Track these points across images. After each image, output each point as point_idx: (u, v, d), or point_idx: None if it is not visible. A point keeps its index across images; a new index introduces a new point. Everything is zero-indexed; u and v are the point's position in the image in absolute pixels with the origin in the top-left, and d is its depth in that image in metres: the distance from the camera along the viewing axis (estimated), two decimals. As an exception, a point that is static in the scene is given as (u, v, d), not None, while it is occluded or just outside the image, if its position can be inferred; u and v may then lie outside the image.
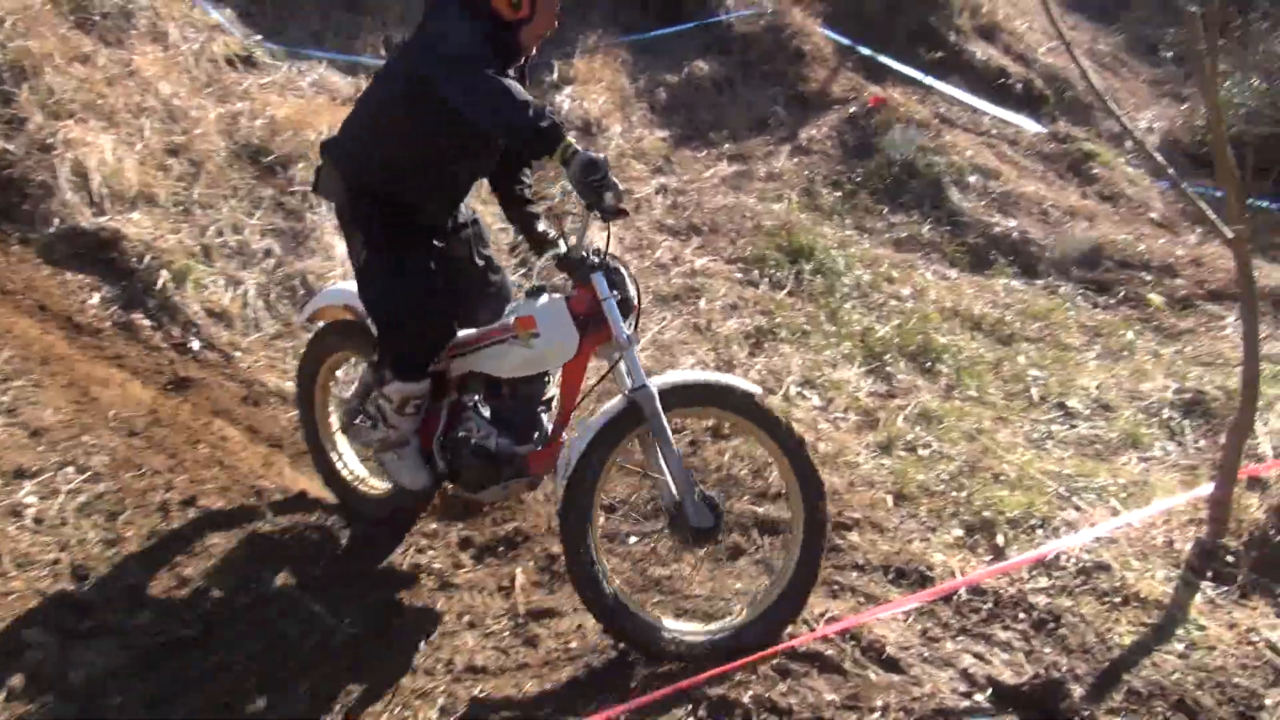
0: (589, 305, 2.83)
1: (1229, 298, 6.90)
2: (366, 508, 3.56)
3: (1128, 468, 4.14)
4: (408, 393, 3.05)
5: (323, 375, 3.70)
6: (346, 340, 3.58)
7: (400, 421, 3.10)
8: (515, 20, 2.85)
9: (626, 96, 8.61)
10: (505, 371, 3.02)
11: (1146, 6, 13.36)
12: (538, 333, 2.89)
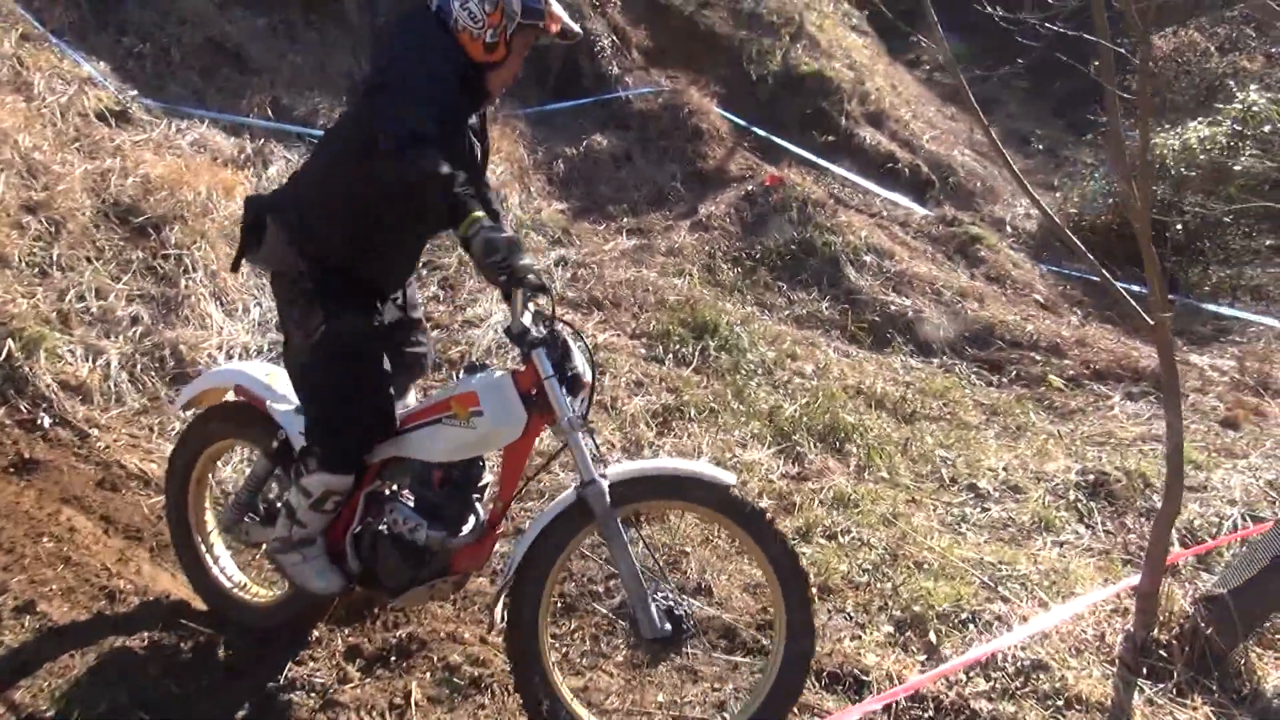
0: (533, 383, 2.58)
1: (1113, 377, 7.11)
2: (247, 617, 3.14)
3: (1044, 553, 4.07)
4: (332, 486, 2.72)
5: (200, 467, 3.29)
6: (236, 428, 3.19)
7: (311, 519, 2.76)
8: (486, 63, 2.65)
9: (525, 168, 8.46)
10: (438, 456, 2.68)
11: (1017, 102, 14.15)
12: (480, 411, 2.59)
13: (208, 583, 3.23)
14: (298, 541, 2.78)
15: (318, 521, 2.78)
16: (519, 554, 2.51)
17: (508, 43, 2.63)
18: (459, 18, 2.61)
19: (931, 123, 11.21)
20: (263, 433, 2.99)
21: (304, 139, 7.81)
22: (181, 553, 3.32)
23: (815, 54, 10.71)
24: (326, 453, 2.70)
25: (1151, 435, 6.00)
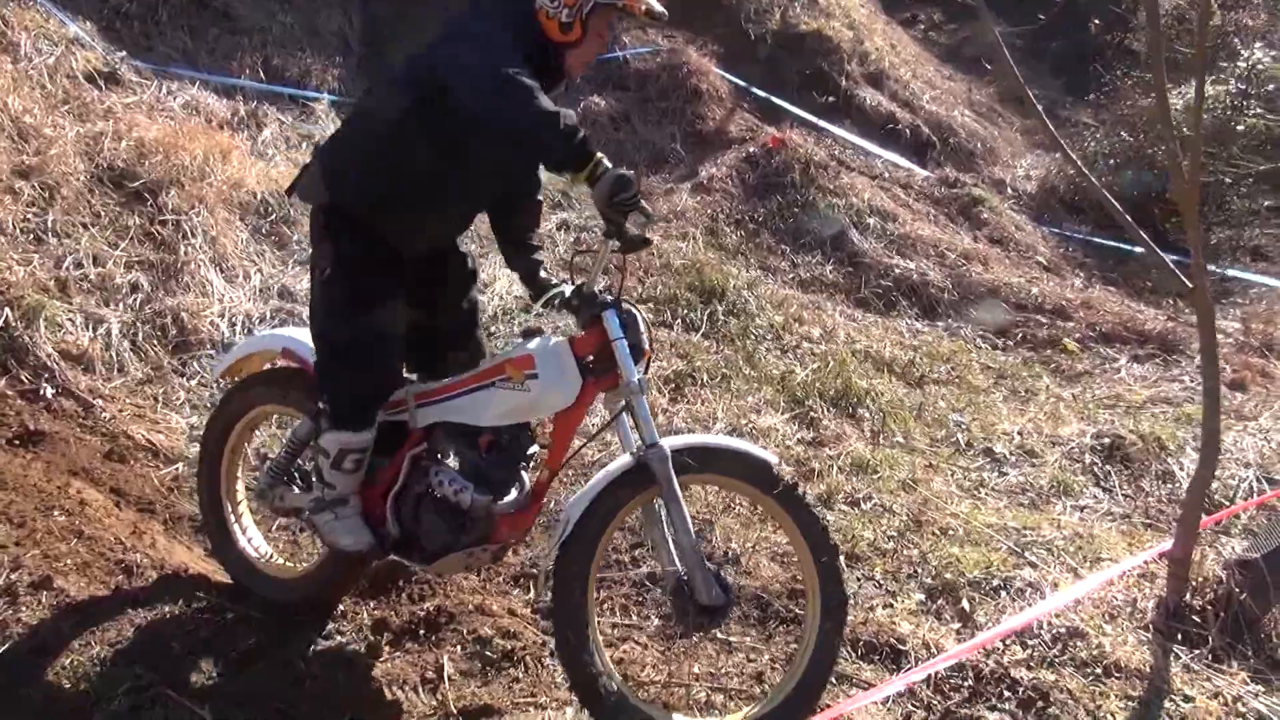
0: (595, 347, 2.55)
1: (1119, 340, 7.09)
2: (273, 591, 3.06)
3: (1065, 518, 4.05)
4: (346, 444, 2.65)
5: (236, 435, 3.19)
6: (280, 392, 3.09)
7: (336, 478, 2.69)
8: (563, 43, 2.55)
9: (521, 129, 8.31)
10: (490, 419, 2.63)
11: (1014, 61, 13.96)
12: (536, 373, 2.56)
13: (234, 555, 3.14)
14: (330, 501, 2.73)
15: (343, 481, 2.70)
16: (575, 512, 2.45)
17: (583, 22, 2.53)
18: None
19: (931, 83, 11.08)
20: (306, 398, 2.91)
21: (297, 101, 7.65)
22: (209, 524, 3.24)
23: (814, 12, 10.54)
24: (335, 408, 2.65)
25: (1161, 398, 5.99)
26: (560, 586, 2.43)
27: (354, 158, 2.62)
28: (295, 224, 5.96)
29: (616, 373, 2.53)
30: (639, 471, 2.48)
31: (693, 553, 2.45)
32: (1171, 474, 4.68)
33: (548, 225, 6.93)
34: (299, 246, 5.85)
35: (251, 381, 3.17)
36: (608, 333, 2.52)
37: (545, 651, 2.80)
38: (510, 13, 2.51)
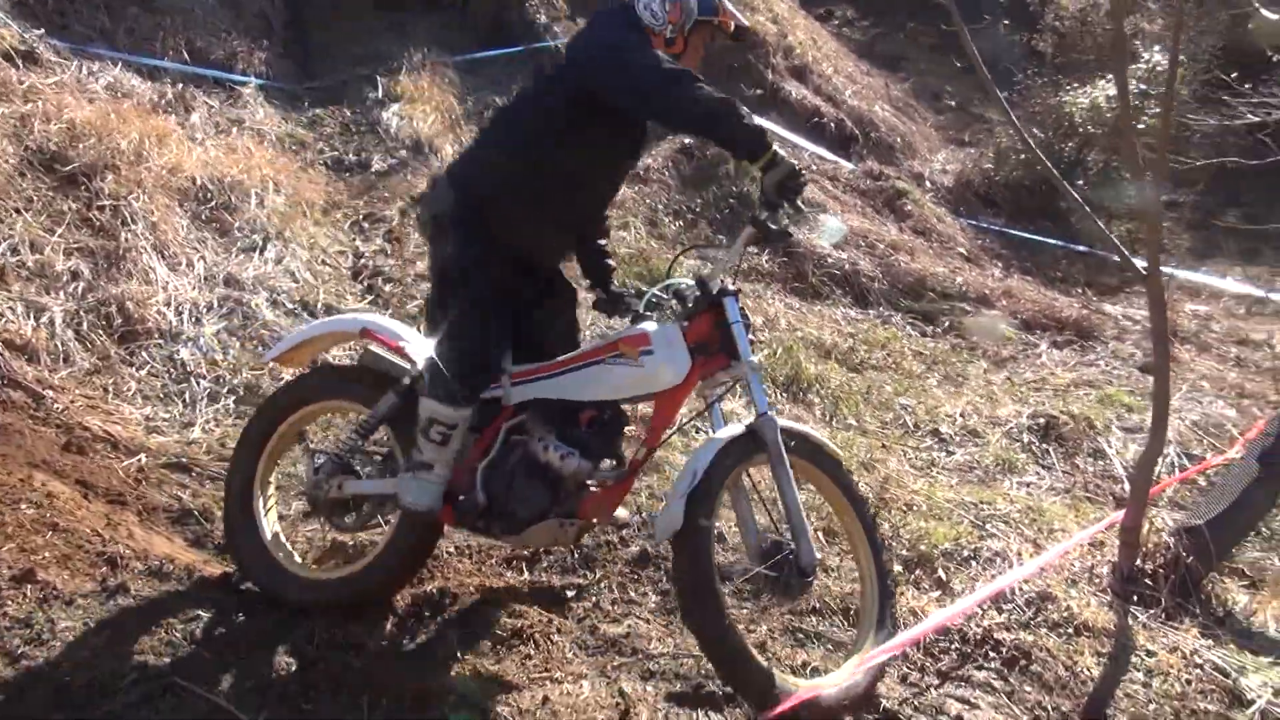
0: (704, 334, 2.75)
1: (1039, 327, 7.46)
2: (302, 596, 2.90)
3: (1014, 493, 4.28)
4: (436, 414, 2.74)
5: (281, 434, 3.11)
6: (348, 386, 3.07)
7: (425, 446, 2.77)
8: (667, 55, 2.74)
9: (456, 118, 8.27)
10: (599, 394, 2.79)
11: (925, 58, 14.46)
12: (651, 350, 2.73)
13: (260, 559, 2.99)
14: (416, 464, 2.79)
15: (429, 450, 2.76)
16: (699, 466, 2.57)
17: (685, 38, 2.79)
18: (644, 16, 2.78)
19: (851, 78, 11.39)
20: (374, 391, 2.95)
21: (224, 85, 7.45)
22: (235, 523, 3.06)
23: (739, 5, 10.66)
24: (435, 380, 2.75)
25: (1082, 380, 6.35)
26: (683, 540, 2.53)
27: (492, 164, 2.78)
28: (236, 210, 5.84)
29: (722, 355, 2.73)
30: (750, 439, 2.65)
31: (799, 517, 2.62)
32: (1102, 451, 4.99)
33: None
34: (241, 233, 5.73)
35: (314, 375, 3.14)
36: (727, 316, 2.72)
37: (553, 629, 2.85)
38: (632, 26, 2.76)
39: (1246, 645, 3.06)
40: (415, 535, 2.90)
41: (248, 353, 4.92)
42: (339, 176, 7.12)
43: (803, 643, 2.86)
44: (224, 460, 4.04)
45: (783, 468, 2.63)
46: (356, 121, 7.85)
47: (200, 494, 3.73)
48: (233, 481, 3.12)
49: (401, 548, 2.89)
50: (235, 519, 3.07)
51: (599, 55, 2.66)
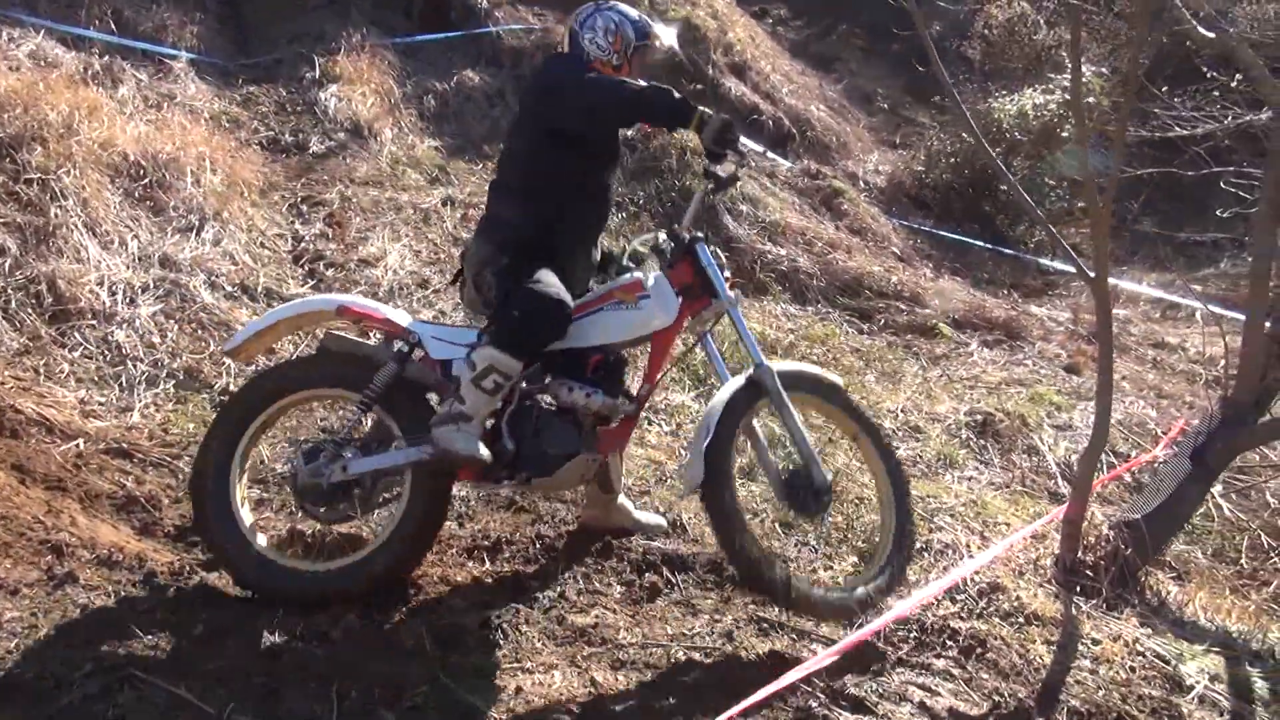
0: (687, 278, 3.16)
1: (970, 326, 7.65)
2: (299, 590, 2.85)
3: (956, 487, 4.41)
4: (497, 363, 2.90)
5: (264, 420, 3.04)
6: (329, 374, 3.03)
7: (471, 395, 2.90)
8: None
9: (395, 101, 8.14)
10: (605, 339, 3.10)
11: (857, 60, 14.71)
12: (647, 294, 3.11)
13: (248, 556, 2.90)
14: (455, 415, 2.88)
15: (476, 399, 2.89)
16: (712, 423, 2.93)
17: (629, 60, 3.23)
18: (590, 51, 3.19)
19: (788, 76, 11.52)
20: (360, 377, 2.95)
21: (152, 57, 7.19)
22: (213, 521, 2.92)
23: (680, 1, 10.75)
24: (503, 330, 2.93)
25: (1013, 379, 6.54)
26: (710, 486, 2.87)
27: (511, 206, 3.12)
28: (171, 189, 5.66)
29: (705, 298, 3.16)
30: (751, 388, 3.05)
31: (806, 446, 3.06)
32: (1035, 448, 5.17)
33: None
34: (176, 213, 5.55)
35: (299, 362, 3.13)
36: (700, 260, 3.15)
37: (520, 619, 2.85)
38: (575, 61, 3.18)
39: (1181, 634, 3.20)
40: (430, 505, 2.95)
41: (186, 336, 4.78)
42: (275, 157, 6.93)
43: (767, 632, 2.90)
44: (167, 446, 3.94)
45: (785, 408, 3.05)
46: (293, 101, 7.66)
47: (144, 480, 3.61)
48: (206, 475, 2.95)
49: (417, 519, 2.92)
50: (212, 515, 2.92)
51: (549, 93, 3.10)
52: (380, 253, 6.04)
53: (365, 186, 6.91)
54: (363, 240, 6.18)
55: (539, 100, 3.14)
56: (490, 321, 3.05)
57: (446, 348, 3.07)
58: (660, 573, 3.18)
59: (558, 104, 3.06)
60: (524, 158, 3.17)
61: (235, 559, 2.89)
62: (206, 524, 2.94)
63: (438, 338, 3.07)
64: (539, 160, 3.13)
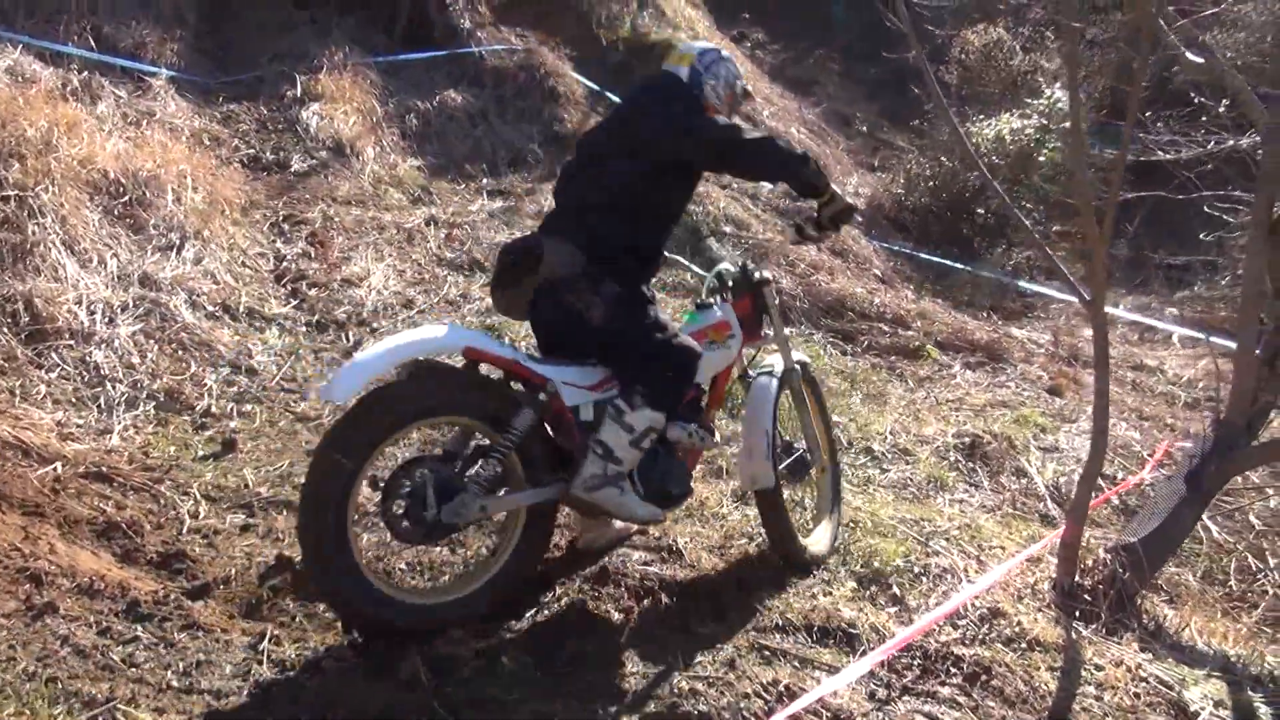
0: (747, 313, 3.56)
1: (952, 348, 7.67)
2: (414, 623, 2.76)
3: (949, 510, 4.38)
4: (655, 423, 3.03)
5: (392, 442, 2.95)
6: (474, 405, 2.90)
7: (628, 454, 2.99)
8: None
9: (377, 120, 8.09)
10: (704, 376, 3.32)
11: (834, 84, 14.84)
12: (734, 334, 3.47)
13: (371, 595, 2.71)
14: (613, 477, 2.95)
15: (630, 458, 3.00)
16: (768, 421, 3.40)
17: (731, 109, 3.47)
18: (708, 96, 3.35)
19: (769, 99, 11.58)
20: (489, 403, 2.91)
21: (133, 75, 7.10)
22: (327, 561, 2.64)
23: (661, 22, 10.81)
24: (657, 393, 3.02)
25: (997, 401, 6.55)
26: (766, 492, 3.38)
27: (607, 219, 3.13)
28: (151, 207, 5.57)
29: (758, 332, 3.63)
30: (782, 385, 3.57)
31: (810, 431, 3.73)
32: (1024, 470, 5.16)
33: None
34: (156, 231, 5.46)
35: (436, 384, 2.86)
36: (766, 300, 3.58)
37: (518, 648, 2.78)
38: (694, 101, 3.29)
39: (1181, 659, 3.18)
40: (541, 535, 3.04)
41: (166, 356, 4.68)
42: (256, 175, 6.86)
43: (769, 660, 2.84)
44: (148, 470, 3.84)
45: (804, 406, 3.70)
46: (274, 119, 7.59)
47: (125, 506, 3.51)
48: (322, 497, 2.64)
49: (530, 548, 3.00)
50: (326, 543, 2.64)
51: (687, 134, 3.14)
52: (364, 272, 5.98)
53: (347, 205, 6.85)
54: (346, 260, 6.11)
55: (673, 137, 3.14)
56: (638, 377, 3.03)
57: (575, 393, 3.03)
58: (658, 599, 3.12)
59: (696, 147, 3.16)
60: (636, 182, 3.15)
61: (356, 599, 2.69)
62: (321, 560, 2.65)
63: (567, 382, 3.01)
64: (654, 188, 3.18)
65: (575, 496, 2.96)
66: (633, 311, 3.11)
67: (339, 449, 2.65)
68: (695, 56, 3.37)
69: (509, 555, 2.95)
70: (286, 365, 4.89)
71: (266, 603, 2.94)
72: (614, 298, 3.07)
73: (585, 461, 2.95)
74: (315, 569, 2.70)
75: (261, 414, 4.46)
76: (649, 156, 3.15)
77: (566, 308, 3.07)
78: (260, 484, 3.81)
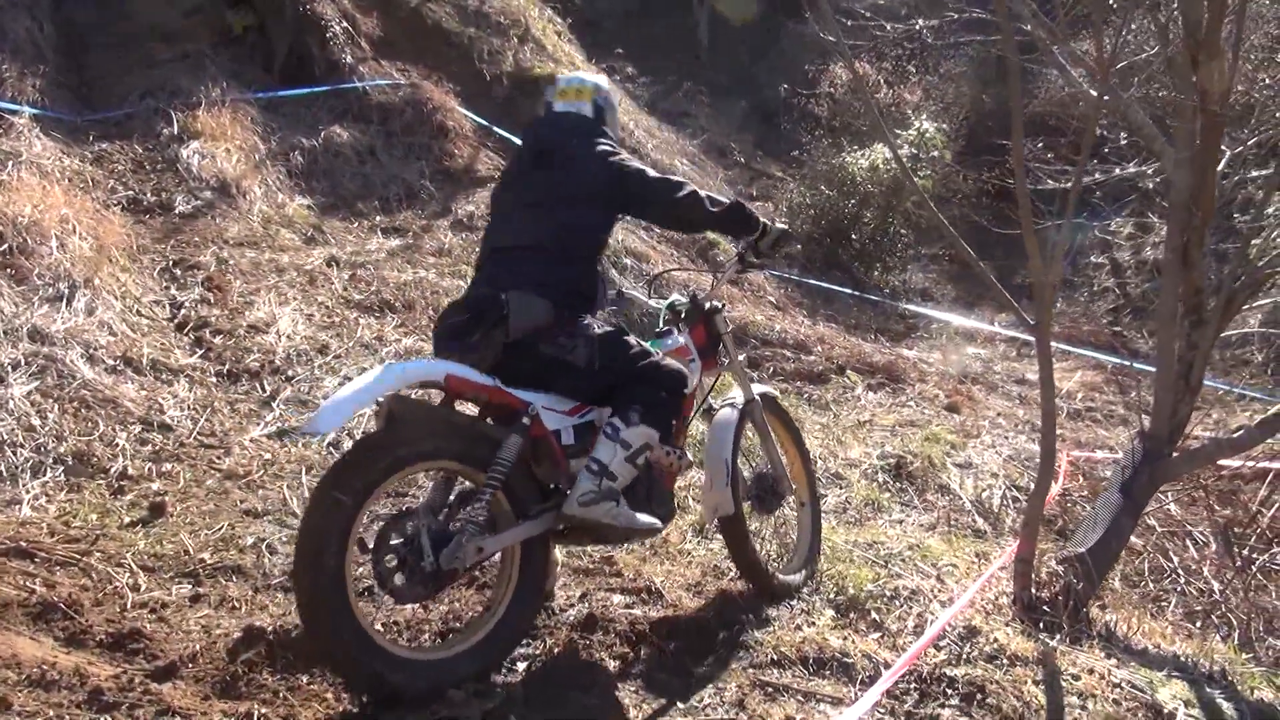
0: (703, 341, 3.64)
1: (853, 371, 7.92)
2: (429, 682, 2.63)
3: (892, 531, 4.50)
4: (650, 439, 3.07)
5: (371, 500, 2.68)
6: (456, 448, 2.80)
7: (623, 470, 3.02)
8: None
9: (261, 158, 7.78)
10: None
11: (705, 116, 15.17)
12: (694, 358, 3.56)
13: (382, 656, 2.58)
14: (608, 492, 2.94)
15: (627, 473, 3.02)
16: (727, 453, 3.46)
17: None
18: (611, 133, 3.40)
19: (650, 131, 11.74)
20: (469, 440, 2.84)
21: (-12, 111, 6.59)
22: (332, 622, 2.50)
23: (543, 57, 10.82)
24: (651, 408, 3.07)
25: (905, 420, 6.79)
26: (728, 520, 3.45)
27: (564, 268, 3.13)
28: (33, 254, 5.16)
29: (713, 359, 3.68)
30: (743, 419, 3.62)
31: (776, 461, 3.76)
32: (947, 487, 5.36)
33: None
34: (41, 281, 5.06)
35: (416, 432, 2.72)
36: (719, 328, 3.67)
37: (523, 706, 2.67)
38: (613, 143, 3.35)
39: (1140, 662, 3.35)
40: (539, 570, 2.98)
41: (70, 416, 4.33)
42: (139, 218, 6.47)
43: (774, 696, 2.83)
44: (72, 542, 3.53)
45: (767, 436, 3.76)
46: (151, 159, 7.18)
47: (55, 583, 3.20)
48: (320, 560, 2.50)
49: (531, 586, 2.93)
50: (326, 605, 2.50)
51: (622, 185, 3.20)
52: (269, 318, 5.70)
53: (240, 247, 6.53)
54: (247, 305, 5.81)
55: (607, 187, 3.20)
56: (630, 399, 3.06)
57: (554, 417, 3.02)
58: (651, 643, 3.07)
59: (630, 199, 3.24)
60: (584, 228, 3.22)
61: (366, 663, 2.55)
62: (322, 627, 2.51)
63: (547, 407, 2.99)
64: (598, 230, 3.28)
65: (571, 516, 2.92)
66: (615, 344, 3.13)
67: (326, 508, 2.53)
68: (593, 91, 3.39)
69: (510, 597, 2.89)
70: (202, 419, 4.60)
71: (242, 679, 2.73)
72: (595, 337, 3.09)
73: (579, 480, 2.94)
74: (322, 640, 2.56)
75: (185, 473, 4.17)
76: (590, 204, 3.20)
77: (546, 358, 3.04)
78: (201, 549, 3.56)
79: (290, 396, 4.98)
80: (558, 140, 3.29)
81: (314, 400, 4.93)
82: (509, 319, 2.94)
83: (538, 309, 3.01)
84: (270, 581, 3.44)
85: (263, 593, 3.37)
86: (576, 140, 3.26)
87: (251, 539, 3.70)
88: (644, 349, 3.20)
